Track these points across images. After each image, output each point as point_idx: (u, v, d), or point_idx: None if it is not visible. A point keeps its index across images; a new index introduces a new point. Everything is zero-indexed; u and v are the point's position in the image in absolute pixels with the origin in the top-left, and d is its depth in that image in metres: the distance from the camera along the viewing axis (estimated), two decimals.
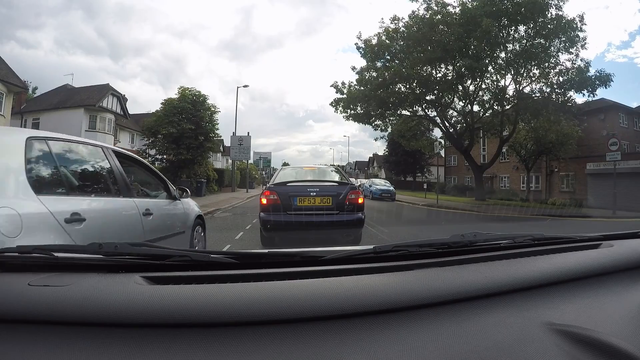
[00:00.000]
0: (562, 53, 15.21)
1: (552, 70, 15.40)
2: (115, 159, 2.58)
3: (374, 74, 16.85)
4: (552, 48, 15.08)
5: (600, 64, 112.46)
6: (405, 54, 15.85)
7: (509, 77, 16.65)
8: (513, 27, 15.25)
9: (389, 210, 14.66)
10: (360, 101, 17.37)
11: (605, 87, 14.29)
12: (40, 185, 1.82)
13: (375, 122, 19.42)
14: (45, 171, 2.00)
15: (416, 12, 15.62)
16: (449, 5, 15.37)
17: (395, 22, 16.31)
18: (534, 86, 16.45)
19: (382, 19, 18.15)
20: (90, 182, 2.42)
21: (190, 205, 3.87)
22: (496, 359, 0.57)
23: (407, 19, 15.93)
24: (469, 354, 0.58)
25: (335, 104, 18.42)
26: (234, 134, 23.90)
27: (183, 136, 18.23)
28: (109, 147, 2.68)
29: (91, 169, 2.44)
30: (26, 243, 1.24)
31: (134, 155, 3.42)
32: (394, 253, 0.92)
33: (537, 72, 15.78)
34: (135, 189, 2.94)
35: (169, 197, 3.35)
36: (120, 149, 2.95)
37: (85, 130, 22.41)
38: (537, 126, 16.94)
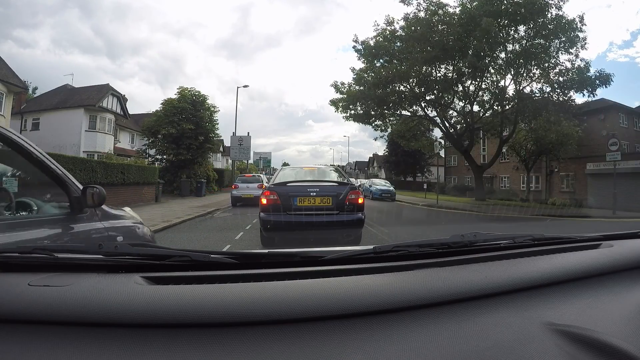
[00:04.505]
0: (562, 53, 15.25)
1: (552, 71, 15.41)
2: None
3: (372, 74, 16.85)
4: (552, 48, 15.10)
5: (602, 64, 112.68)
6: (403, 54, 15.84)
7: (509, 77, 16.66)
8: (513, 27, 15.25)
9: (389, 210, 14.65)
10: (359, 100, 17.37)
11: (606, 87, 14.33)
12: None
13: (375, 122, 19.43)
14: None
15: (410, 15, 15.61)
16: (446, 5, 15.39)
17: (391, 24, 16.31)
18: (534, 86, 16.49)
19: (376, 21, 18.13)
20: None
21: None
22: (496, 359, 0.57)
23: (404, 20, 15.94)
24: (469, 354, 0.58)
25: (335, 104, 18.43)
26: (234, 134, 23.89)
27: (183, 136, 18.26)
28: None
29: None
30: None
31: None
32: (394, 253, 0.92)
33: (537, 72, 15.79)
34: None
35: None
36: None
37: (85, 130, 22.40)
38: (537, 126, 16.94)
